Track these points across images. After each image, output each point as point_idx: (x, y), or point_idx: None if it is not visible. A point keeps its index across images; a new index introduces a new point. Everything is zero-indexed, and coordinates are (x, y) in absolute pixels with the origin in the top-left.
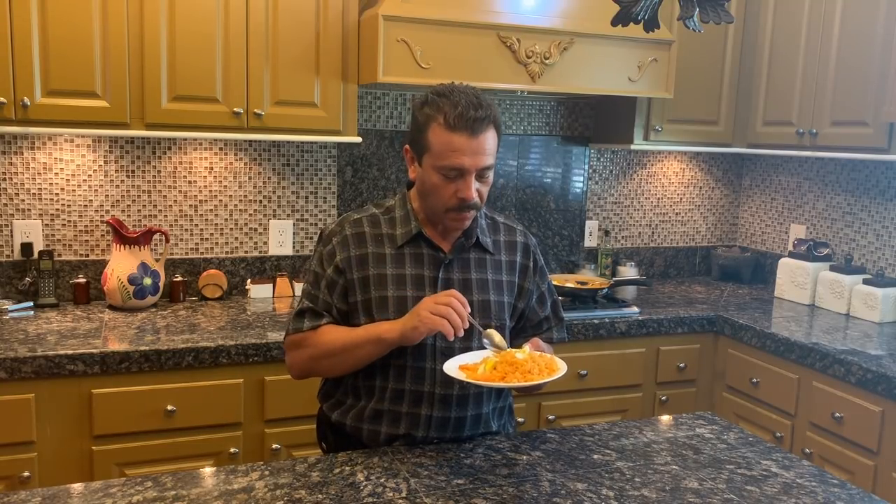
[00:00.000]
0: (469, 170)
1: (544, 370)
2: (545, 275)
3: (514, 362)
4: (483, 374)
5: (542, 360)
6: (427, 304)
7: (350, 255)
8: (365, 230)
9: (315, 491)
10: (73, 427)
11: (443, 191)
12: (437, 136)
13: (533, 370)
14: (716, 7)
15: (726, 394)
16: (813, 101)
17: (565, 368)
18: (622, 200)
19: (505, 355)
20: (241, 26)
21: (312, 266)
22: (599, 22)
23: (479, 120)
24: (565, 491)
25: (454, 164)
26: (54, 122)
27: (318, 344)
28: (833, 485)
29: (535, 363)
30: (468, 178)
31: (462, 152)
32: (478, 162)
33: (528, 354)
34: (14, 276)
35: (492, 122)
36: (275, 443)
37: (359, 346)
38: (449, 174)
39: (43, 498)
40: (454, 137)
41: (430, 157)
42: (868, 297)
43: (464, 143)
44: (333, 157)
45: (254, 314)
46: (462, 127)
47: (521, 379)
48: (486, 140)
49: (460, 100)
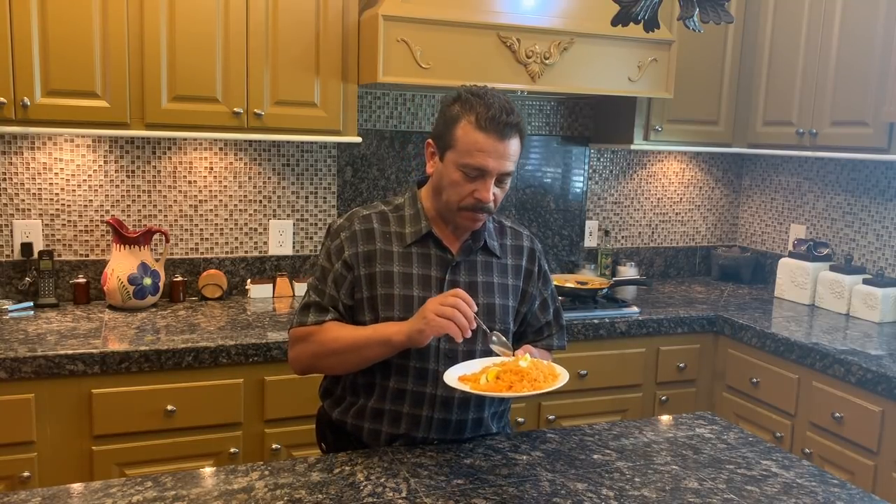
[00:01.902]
0: (491, 172)
1: (549, 377)
2: (549, 281)
3: (520, 371)
4: (487, 384)
5: (544, 367)
6: (432, 307)
7: (358, 250)
8: (374, 226)
9: (315, 491)
10: (73, 427)
11: (460, 188)
12: (465, 134)
13: (539, 378)
14: (716, 7)
15: (726, 394)
16: (813, 101)
17: (567, 375)
18: (622, 200)
19: (508, 364)
20: (240, 26)
21: (320, 261)
22: (599, 22)
23: (509, 125)
24: (565, 491)
25: (478, 164)
26: (54, 122)
27: (322, 341)
28: (833, 485)
29: (540, 370)
30: (488, 181)
31: (488, 154)
32: (501, 166)
33: (531, 361)
34: (14, 276)
35: (519, 129)
36: (275, 443)
37: (365, 347)
38: (470, 173)
39: (43, 498)
40: (482, 138)
41: (454, 153)
42: (868, 297)
43: (491, 146)
44: (333, 157)
45: (254, 314)
46: (492, 129)
47: (529, 388)
48: (512, 146)
49: (494, 102)
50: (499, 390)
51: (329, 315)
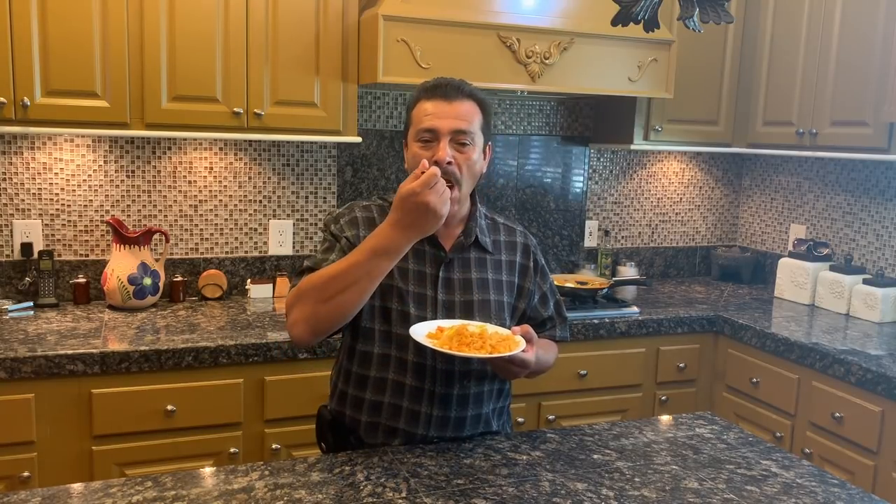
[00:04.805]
0: (441, 130)
1: (509, 344)
2: (546, 275)
3: (482, 335)
4: (445, 340)
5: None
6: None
7: (359, 233)
8: (374, 216)
9: (315, 491)
10: (73, 427)
11: (421, 160)
12: (416, 109)
13: (498, 346)
14: (716, 7)
15: (726, 394)
16: (813, 101)
17: (524, 344)
18: (622, 200)
19: (458, 328)
20: (240, 26)
21: (326, 236)
22: (599, 22)
23: (453, 87)
24: (565, 491)
25: (427, 126)
26: (54, 122)
27: (313, 284)
28: (833, 485)
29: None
30: (442, 140)
31: (435, 115)
32: (451, 124)
33: (479, 327)
34: (14, 276)
35: (469, 95)
36: (275, 443)
37: (354, 266)
38: (424, 138)
39: (43, 498)
40: (429, 104)
41: (411, 130)
42: (868, 297)
43: (437, 108)
44: (333, 157)
45: (254, 314)
46: (438, 94)
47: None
48: (462, 106)
49: (442, 79)
50: (456, 349)
51: None
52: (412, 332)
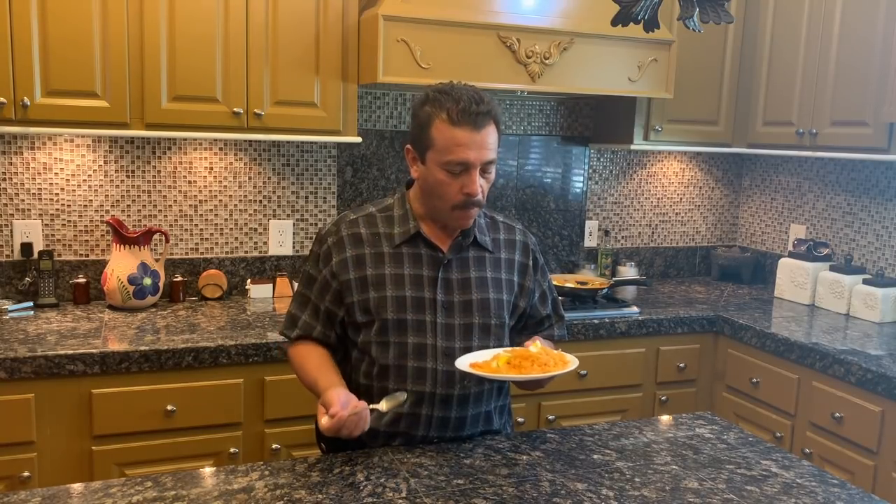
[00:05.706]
0: (474, 164)
1: (559, 363)
2: (545, 273)
3: (530, 356)
4: (498, 368)
5: (554, 354)
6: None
7: (346, 256)
8: (361, 231)
9: (315, 491)
10: (73, 427)
11: (448, 188)
12: (440, 133)
13: (549, 363)
14: (716, 7)
15: (726, 394)
16: (813, 101)
17: (577, 362)
18: (622, 200)
19: (518, 350)
20: (240, 26)
21: (307, 266)
22: (599, 22)
23: (481, 114)
24: (565, 491)
25: (459, 159)
26: (54, 122)
27: (293, 363)
28: (833, 485)
29: (550, 356)
30: (473, 173)
31: (467, 147)
32: (482, 156)
33: (541, 348)
34: (14, 276)
35: (492, 117)
36: (275, 443)
37: (310, 388)
38: (454, 170)
39: (43, 498)
40: (458, 132)
41: (434, 153)
42: (868, 297)
43: (467, 138)
44: (333, 157)
45: (254, 314)
46: (465, 122)
47: (539, 370)
48: (489, 134)
49: (462, 96)
50: (509, 373)
51: (299, 331)
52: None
